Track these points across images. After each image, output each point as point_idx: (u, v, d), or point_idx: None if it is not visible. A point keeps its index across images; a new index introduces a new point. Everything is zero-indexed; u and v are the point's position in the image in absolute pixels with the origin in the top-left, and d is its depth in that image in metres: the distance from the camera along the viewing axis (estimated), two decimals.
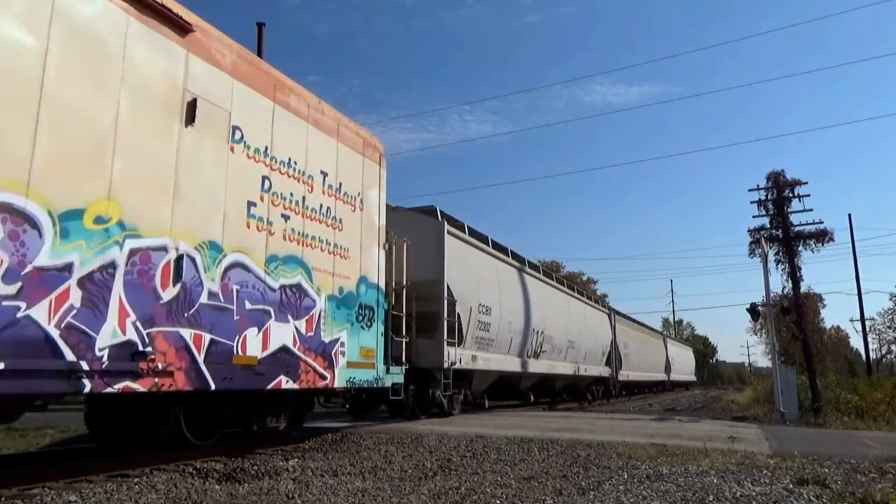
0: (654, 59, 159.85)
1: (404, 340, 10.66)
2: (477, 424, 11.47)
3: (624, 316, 33.58)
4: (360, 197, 9.38)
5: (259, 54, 17.53)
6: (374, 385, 9.37)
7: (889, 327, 63.74)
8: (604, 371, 26.59)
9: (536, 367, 18.33)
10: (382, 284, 9.77)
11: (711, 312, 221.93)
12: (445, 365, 12.28)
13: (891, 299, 61.02)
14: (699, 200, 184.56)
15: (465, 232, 14.75)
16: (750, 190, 21.73)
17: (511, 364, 16.44)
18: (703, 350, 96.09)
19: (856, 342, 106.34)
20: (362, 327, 9.08)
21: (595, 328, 25.43)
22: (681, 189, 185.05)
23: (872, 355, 48.33)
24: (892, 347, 65.39)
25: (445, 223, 13.27)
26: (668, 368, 44.59)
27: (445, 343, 12.34)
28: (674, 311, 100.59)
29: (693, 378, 61.64)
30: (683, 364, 53.99)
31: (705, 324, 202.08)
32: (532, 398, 20.42)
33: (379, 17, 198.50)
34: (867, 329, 37.00)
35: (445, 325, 12.45)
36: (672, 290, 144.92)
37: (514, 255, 18.15)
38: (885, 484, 6.03)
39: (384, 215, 10.04)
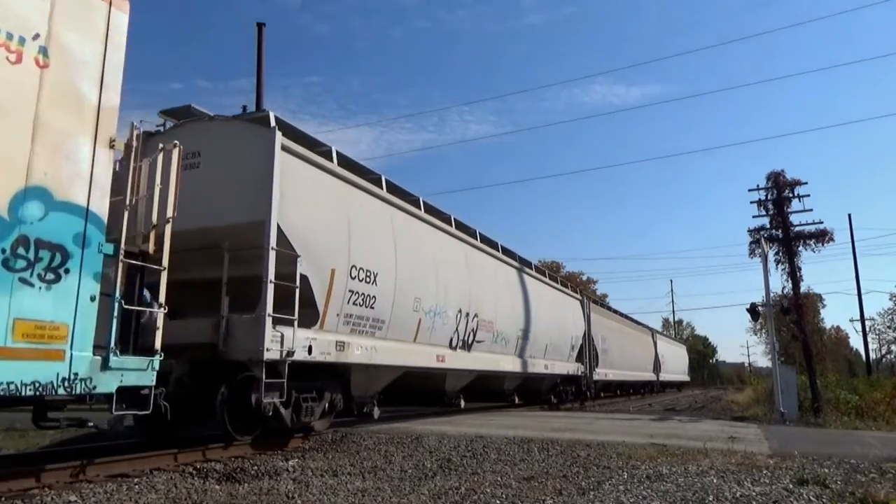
0: (655, 59, 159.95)
1: (160, 313, 6.27)
2: (477, 424, 11.40)
3: (603, 304, 30.02)
4: (41, 42, 5.31)
5: (259, 54, 17.48)
6: (62, 392, 5.16)
7: (889, 327, 64.06)
8: (574, 368, 22.38)
9: (467, 361, 13.66)
10: (103, 210, 5.68)
11: (711, 312, 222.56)
12: (269, 355, 7.69)
13: (891, 299, 61.46)
14: (699, 200, 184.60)
15: (331, 160, 9.80)
16: (750, 190, 21.64)
17: (421, 357, 11.75)
18: (704, 350, 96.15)
19: (856, 342, 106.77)
20: (27, 282, 5.00)
21: (561, 316, 21.06)
22: (681, 189, 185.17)
23: (872, 355, 48.63)
24: (892, 347, 65.62)
25: (280, 135, 8.37)
26: (657, 367, 40.67)
27: (269, 321, 7.74)
28: (674, 311, 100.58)
29: (686, 378, 58.29)
30: (675, 363, 50.53)
31: (705, 324, 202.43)
32: (463, 403, 15.19)
33: (379, 17, 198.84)
34: (867, 329, 37.12)
35: (270, 293, 7.81)
36: (672, 290, 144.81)
37: (431, 209, 13.00)
38: (885, 484, 6.04)
39: (118, 93, 5.90)
